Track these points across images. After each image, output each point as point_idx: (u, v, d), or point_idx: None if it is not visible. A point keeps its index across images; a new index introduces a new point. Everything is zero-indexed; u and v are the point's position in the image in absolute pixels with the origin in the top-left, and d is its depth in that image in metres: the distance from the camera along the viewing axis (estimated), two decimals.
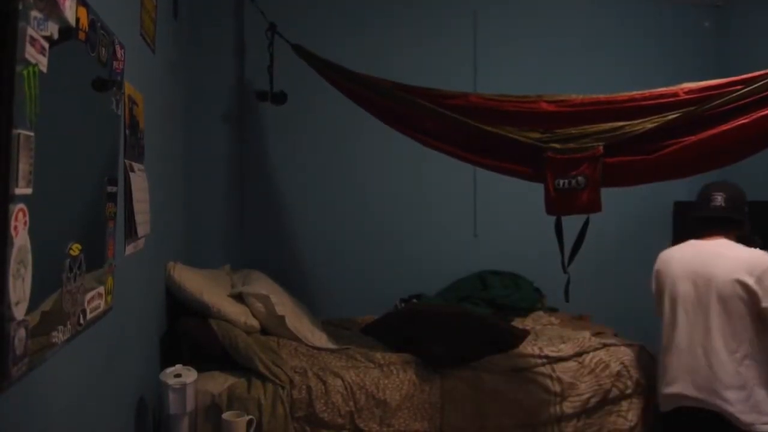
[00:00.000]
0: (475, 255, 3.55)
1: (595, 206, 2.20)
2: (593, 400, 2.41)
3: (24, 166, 0.90)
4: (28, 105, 0.91)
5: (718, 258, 2.10)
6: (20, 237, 0.89)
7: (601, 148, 2.15)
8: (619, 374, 2.46)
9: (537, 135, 2.25)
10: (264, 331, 2.52)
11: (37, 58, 0.94)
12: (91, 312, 1.30)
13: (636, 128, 2.12)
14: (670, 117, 2.09)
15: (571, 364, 2.46)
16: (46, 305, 1.03)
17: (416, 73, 2.92)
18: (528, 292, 3.36)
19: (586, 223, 2.29)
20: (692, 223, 2.27)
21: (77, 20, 1.15)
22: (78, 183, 1.26)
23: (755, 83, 1.97)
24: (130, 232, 1.70)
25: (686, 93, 2.11)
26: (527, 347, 2.52)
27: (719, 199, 2.17)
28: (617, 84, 2.50)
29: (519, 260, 3.49)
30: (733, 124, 1.99)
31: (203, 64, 3.21)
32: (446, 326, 2.54)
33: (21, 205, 0.90)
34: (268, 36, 2.92)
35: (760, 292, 1.99)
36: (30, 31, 0.91)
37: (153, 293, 2.19)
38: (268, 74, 3.01)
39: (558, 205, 2.23)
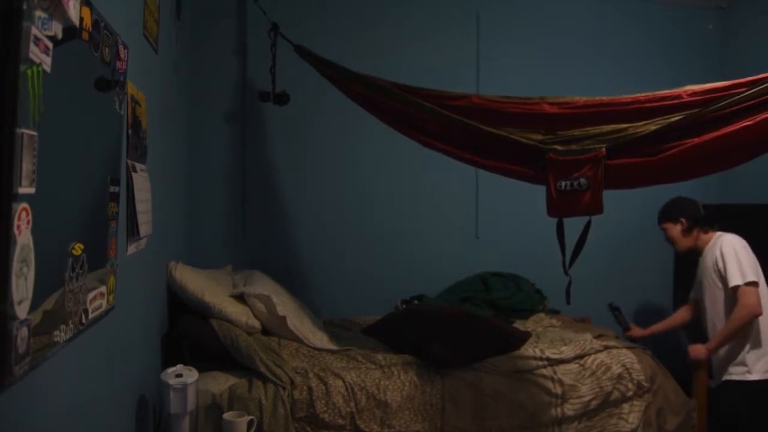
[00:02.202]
0: (477, 256, 3.55)
1: (597, 208, 2.19)
2: (594, 403, 2.41)
3: (27, 165, 0.90)
4: (31, 104, 0.91)
5: None
6: (23, 236, 0.90)
7: (603, 149, 2.14)
8: (620, 377, 2.46)
9: (539, 136, 2.24)
10: (265, 331, 2.52)
11: (41, 57, 0.94)
12: (92, 311, 1.31)
13: (639, 130, 2.11)
14: (673, 119, 2.08)
15: (572, 366, 2.46)
16: (48, 304, 1.03)
17: (419, 74, 2.93)
18: (529, 294, 3.35)
19: (587, 225, 2.29)
20: (701, 222, 2.73)
21: (81, 20, 1.15)
22: (80, 183, 1.26)
23: (759, 85, 1.96)
24: (132, 231, 1.70)
25: (690, 95, 2.10)
26: (528, 349, 2.52)
27: (701, 207, 2.75)
28: (620, 86, 2.49)
29: (520, 262, 3.49)
30: (737, 127, 1.98)
31: (206, 64, 3.22)
32: (447, 327, 2.53)
33: (24, 205, 0.90)
34: (270, 36, 2.92)
35: None
36: (34, 31, 0.91)
37: (154, 293, 2.20)
38: (271, 75, 3.01)
39: (560, 206, 2.22)
